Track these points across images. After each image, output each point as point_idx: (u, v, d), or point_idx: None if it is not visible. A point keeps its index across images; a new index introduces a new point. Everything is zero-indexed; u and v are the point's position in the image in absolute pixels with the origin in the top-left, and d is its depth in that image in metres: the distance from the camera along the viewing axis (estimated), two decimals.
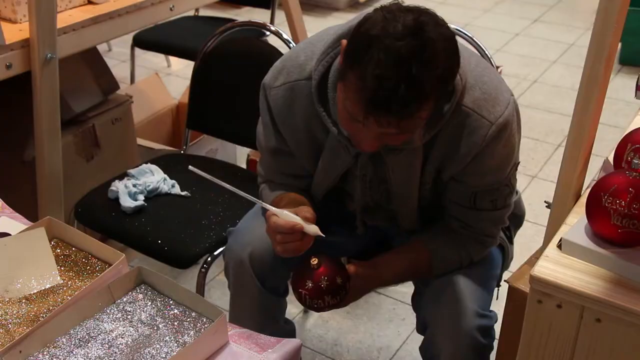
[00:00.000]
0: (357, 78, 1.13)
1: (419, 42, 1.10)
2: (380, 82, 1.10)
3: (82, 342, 1.16)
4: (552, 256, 1.04)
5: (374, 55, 1.10)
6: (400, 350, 2.12)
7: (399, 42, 1.09)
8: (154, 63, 4.03)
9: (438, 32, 1.12)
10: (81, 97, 2.08)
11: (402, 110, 1.12)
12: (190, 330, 1.19)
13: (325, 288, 1.29)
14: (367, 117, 1.15)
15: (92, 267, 1.32)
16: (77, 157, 2.09)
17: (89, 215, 1.88)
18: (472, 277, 1.42)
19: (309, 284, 1.30)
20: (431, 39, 1.11)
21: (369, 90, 1.11)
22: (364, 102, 1.13)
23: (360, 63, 1.12)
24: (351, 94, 1.15)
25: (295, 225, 1.28)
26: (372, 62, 1.10)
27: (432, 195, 1.42)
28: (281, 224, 1.28)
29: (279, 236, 1.30)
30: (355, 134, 1.25)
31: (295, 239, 1.30)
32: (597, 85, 1.08)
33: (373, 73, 1.10)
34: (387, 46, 1.10)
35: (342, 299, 1.33)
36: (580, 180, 1.19)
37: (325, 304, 1.31)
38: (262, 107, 1.44)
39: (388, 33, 1.10)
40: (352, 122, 1.21)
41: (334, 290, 1.30)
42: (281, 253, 1.33)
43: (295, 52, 1.40)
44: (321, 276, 1.29)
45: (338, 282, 1.30)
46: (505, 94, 1.31)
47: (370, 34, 1.12)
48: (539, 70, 3.99)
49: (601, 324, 0.97)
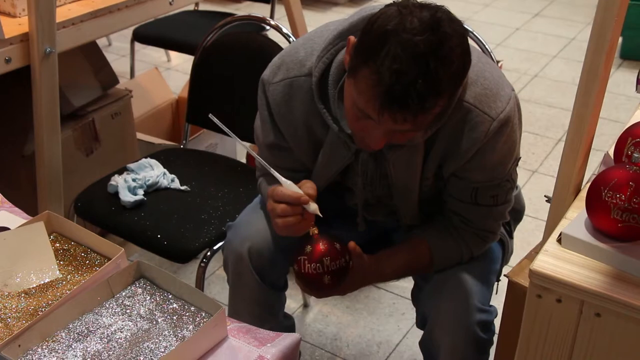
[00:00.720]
0: (372, 73, 1.11)
1: (437, 37, 1.09)
2: (398, 77, 1.09)
3: (81, 336, 1.16)
4: (552, 250, 1.03)
5: (391, 49, 1.09)
6: (400, 345, 2.12)
7: (417, 37, 1.09)
8: (153, 58, 4.03)
9: (453, 29, 1.12)
10: (81, 92, 2.07)
11: (419, 105, 1.11)
12: (189, 325, 1.18)
13: (324, 250, 1.26)
14: (382, 112, 1.14)
15: (91, 262, 1.32)
16: (76, 151, 2.09)
17: (88, 209, 1.88)
18: (472, 272, 1.42)
19: (308, 248, 1.27)
20: (448, 35, 1.11)
21: (385, 85, 1.10)
22: (380, 97, 1.12)
23: (376, 58, 1.10)
24: (365, 90, 1.14)
25: (301, 197, 1.27)
26: (389, 57, 1.09)
27: (433, 191, 1.42)
28: (287, 193, 1.28)
29: (282, 206, 1.29)
30: (363, 132, 1.24)
31: (296, 212, 1.29)
32: (597, 79, 1.07)
33: (390, 67, 1.09)
34: (405, 41, 1.09)
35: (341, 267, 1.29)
36: (580, 175, 1.19)
37: (323, 267, 1.26)
38: (261, 103, 1.44)
39: (405, 28, 1.10)
40: (361, 119, 1.20)
41: (333, 253, 1.27)
42: (281, 227, 1.31)
43: (295, 48, 1.40)
44: (320, 240, 1.27)
45: (337, 247, 1.28)
46: (507, 90, 1.31)
47: (387, 29, 1.11)
48: (539, 65, 3.98)
49: (601, 318, 0.97)
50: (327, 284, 1.29)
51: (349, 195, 1.53)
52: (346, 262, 1.30)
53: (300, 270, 1.30)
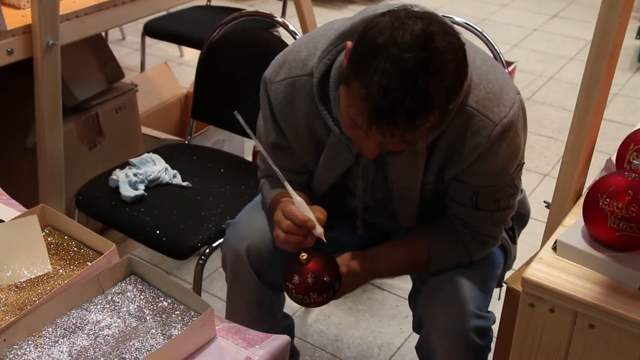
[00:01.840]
0: (361, 86, 1.10)
1: (427, 53, 1.07)
2: (386, 93, 1.07)
3: (68, 332, 1.15)
4: (546, 258, 1.00)
5: (380, 64, 1.07)
6: (401, 348, 2.09)
7: (406, 54, 1.06)
8: (167, 52, 4.03)
9: (447, 42, 1.09)
10: (85, 85, 2.07)
11: (406, 122, 1.10)
12: (177, 324, 1.17)
13: (312, 285, 1.27)
14: (370, 127, 1.13)
15: (84, 257, 1.31)
16: (79, 144, 2.08)
17: (89, 203, 1.87)
18: (471, 277, 1.40)
19: (296, 278, 1.28)
20: (440, 50, 1.08)
21: (373, 100, 1.09)
22: (368, 112, 1.11)
23: (366, 72, 1.09)
24: (355, 102, 1.13)
25: (308, 221, 1.27)
26: (378, 72, 1.07)
27: (434, 194, 1.39)
28: (297, 214, 1.27)
29: (288, 223, 1.28)
30: (357, 139, 1.23)
31: (300, 233, 1.28)
32: (599, 82, 1.04)
33: (379, 83, 1.07)
34: (394, 56, 1.07)
35: (328, 298, 1.31)
36: (581, 180, 1.16)
37: (310, 300, 1.29)
38: (263, 102, 1.42)
39: (395, 42, 1.07)
40: (354, 127, 1.19)
41: (320, 288, 1.28)
42: (282, 242, 1.30)
43: (298, 47, 1.38)
44: (308, 272, 1.27)
45: (325, 280, 1.28)
46: (511, 94, 1.28)
47: (377, 42, 1.08)
48: (555, 66, 3.93)
49: (594, 330, 0.94)
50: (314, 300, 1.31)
51: (349, 197, 1.51)
52: (333, 291, 1.32)
53: (289, 294, 1.32)
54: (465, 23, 1.79)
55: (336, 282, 1.31)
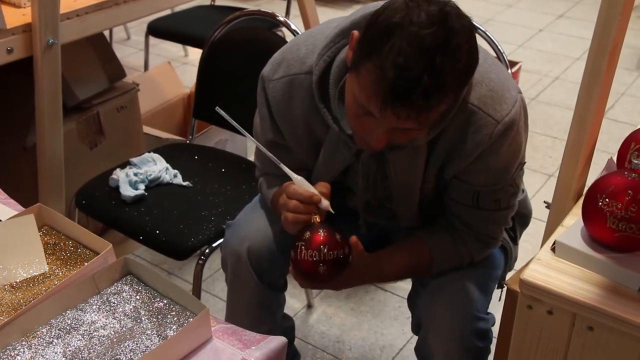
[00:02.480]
0: (375, 67, 1.07)
1: (444, 32, 1.05)
2: (402, 72, 1.05)
3: (63, 332, 1.14)
4: (545, 259, 0.98)
5: (396, 43, 1.05)
6: (403, 350, 2.08)
7: (424, 30, 1.04)
8: (171, 52, 4.02)
9: (461, 24, 1.07)
10: (86, 84, 2.06)
11: (423, 102, 1.07)
12: (173, 325, 1.16)
13: (323, 238, 1.21)
14: (385, 109, 1.09)
15: (81, 257, 1.30)
16: (80, 144, 2.07)
17: (89, 203, 1.86)
18: (471, 278, 1.38)
19: (307, 234, 1.23)
20: (456, 29, 1.06)
21: (389, 80, 1.06)
22: (383, 93, 1.08)
23: (380, 52, 1.06)
24: (367, 85, 1.10)
25: (313, 196, 1.25)
26: (394, 51, 1.05)
27: (434, 193, 1.38)
28: (300, 192, 1.25)
29: (294, 202, 1.26)
30: (363, 130, 1.20)
31: (309, 210, 1.25)
32: (599, 80, 1.02)
33: (395, 62, 1.05)
34: (411, 34, 1.04)
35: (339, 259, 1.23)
36: (582, 180, 1.14)
37: (320, 255, 1.21)
38: (260, 100, 1.41)
39: (412, 21, 1.05)
40: (362, 117, 1.16)
41: (331, 243, 1.22)
42: (291, 222, 1.27)
43: (296, 44, 1.37)
44: (320, 228, 1.23)
45: (337, 238, 1.22)
46: (513, 92, 1.26)
47: (392, 22, 1.06)
48: (561, 67, 3.90)
49: (593, 332, 0.92)
50: (323, 273, 1.24)
51: (349, 196, 1.49)
52: (344, 254, 1.25)
53: (297, 257, 1.25)
54: None
55: (346, 246, 1.25)
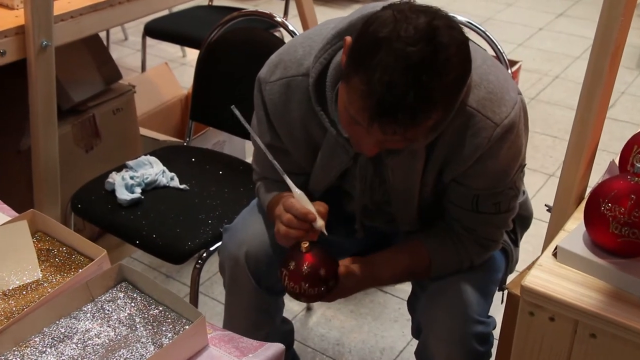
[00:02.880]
0: (362, 82, 1.06)
1: (431, 48, 1.03)
2: (388, 89, 1.04)
3: (56, 341, 1.12)
4: (547, 265, 0.96)
5: (383, 59, 1.04)
6: (403, 352, 2.06)
7: (410, 48, 1.03)
8: (169, 53, 4.00)
9: (451, 37, 1.05)
10: (81, 86, 2.04)
11: (409, 119, 1.06)
12: (168, 332, 1.14)
13: (306, 274, 1.24)
14: (372, 124, 1.09)
15: (75, 263, 1.28)
16: (75, 147, 2.05)
17: (85, 207, 1.84)
18: (471, 281, 1.36)
19: (292, 265, 1.25)
20: (444, 45, 1.04)
21: (375, 96, 1.05)
22: (369, 108, 1.07)
23: (367, 67, 1.05)
24: (355, 98, 1.09)
25: (308, 214, 1.24)
26: (380, 67, 1.04)
27: (433, 197, 1.36)
28: (297, 207, 1.25)
29: (289, 216, 1.25)
30: (356, 137, 1.19)
31: (301, 227, 1.25)
32: (601, 81, 1.00)
33: (381, 79, 1.04)
34: (397, 50, 1.03)
35: (320, 293, 1.27)
36: (583, 183, 1.12)
37: (301, 290, 1.25)
38: (257, 102, 1.40)
39: (399, 36, 1.03)
40: (353, 125, 1.15)
41: (314, 280, 1.24)
42: (283, 236, 1.27)
43: (293, 46, 1.35)
44: (306, 261, 1.24)
45: (321, 274, 1.24)
46: (512, 94, 1.25)
47: (379, 36, 1.05)
48: (561, 66, 3.88)
49: (596, 340, 0.90)
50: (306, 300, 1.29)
51: (347, 200, 1.48)
52: (327, 288, 1.28)
53: (282, 281, 1.29)
54: (468, 22, 1.76)
55: (332, 279, 1.27)
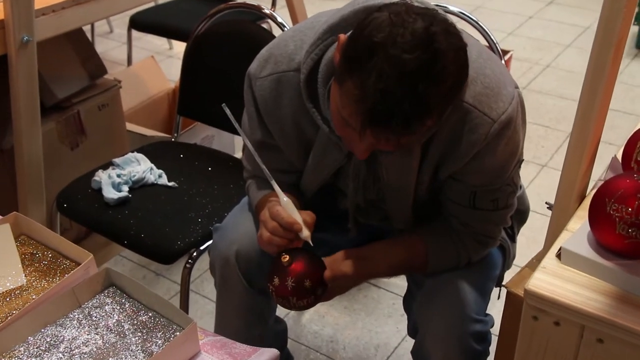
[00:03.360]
0: (356, 87, 1.02)
1: (428, 55, 0.99)
2: (382, 96, 1.00)
3: (42, 350, 1.08)
4: (550, 267, 0.93)
5: (377, 65, 1.00)
6: (398, 348, 2.03)
7: (406, 55, 0.99)
8: (156, 45, 3.94)
9: (449, 43, 1.02)
10: (65, 82, 1.99)
11: (403, 127, 1.03)
12: (158, 339, 1.10)
13: (291, 289, 1.20)
14: (364, 130, 1.06)
15: (60, 268, 1.24)
16: (60, 145, 2.00)
17: (71, 206, 1.80)
18: (468, 279, 1.33)
19: (276, 280, 1.21)
20: (441, 52, 1.00)
21: (368, 103, 1.02)
22: (362, 114, 1.04)
23: (362, 71, 1.01)
24: (348, 103, 1.05)
25: (294, 224, 1.21)
26: (375, 73, 1.00)
27: (429, 194, 1.33)
28: (283, 216, 1.21)
29: (274, 225, 1.22)
30: (348, 139, 1.16)
31: (286, 236, 1.22)
32: (604, 75, 0.97)
33: (375, 85, 1.00)
34: (393, 57, 0.99)
35: (310, 303, 1.24)
36: (585, 180, 1.08)
37: (290, 304, 1.22)
38: (247, 98, 1.36)
39: (395, 42, 0.99)
40: (345, 127, 1.12)
41: (300, 293, 1.21)
42: (265, 243, 1.25)
43: (284, 40, 1.31)
44: (289, 275, 1.20)
45: (306, 285, 1.21)
46: (509, 88, 1.21)
47: (374, 41, 1.01)
48: (552, 54, 3.86)
49: (604, 345, 0.87)
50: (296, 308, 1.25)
51: (340, 198, 1.44)
52: (315, 297, 1.25)
53: (270, 294, 1.26)
54: (461, 12, 1.73)
55: (319, 287, 1.24)
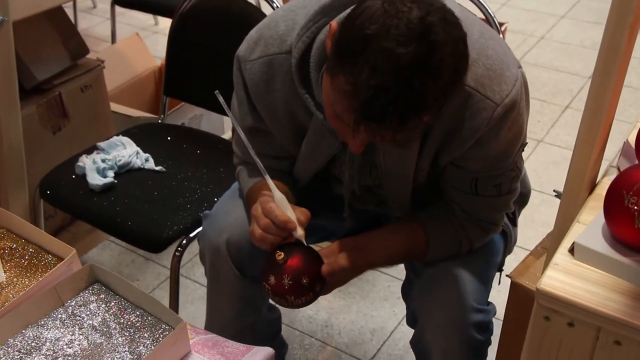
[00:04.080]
0: (348, 82, 0.96)
1: (424, 49, 0.93)
2: (376, 93, 0.94)
3: (23, 353, 1.02)
4: (563, 264, 0.87)
5: (370, 59, 0.93)
6: (395, 332, 1.99)
7: (401, 49, 0.92)
8: (140, 21, 3.84)
9: (447, 33, 0.95)
10: (45, 63, 1.90)
11: (398, 124, 0.97)
12: (147, 340, 1.05)
13: (289, 287, 1.14)
14: (357, 126, 1.00)
15: (42, 263, 1.18)
16: (42, 129, 1.93)
17: (54, 193, 1.73)
18: (469, 267, 1.28)
19: (272, 279, 1.15)
20: (439, 44, 0.94)
21: (361, 100, 0.96)
22: (355, 110, 0.98)
23: (354, 65, 0.95)
24: (340, 97, 0.99)
25: (288, 222, 1.15)
26: (367, 68, 0.93)
27: (429, 181, 1.27)
28: (277, 214, 1.15)
29: (267, 222, 1.16)
30: (341, 132, 1.11)
31: (279, 234, 1.16)
32: (618, 56, 0.90)
33: (368, 82, 0.94)
34: (386, 50, 0.93)
35: (309, 300, 1.18)
36: (597, 167, 1.03)
37: (288, 303, 1.17)
38: (237, 82, 1.29)
39: (388, 34, 0.93)
40: (338, 121, 1.06)
41: (298, 291, 1.16)
42: (258, 239, 1.19)
43: (274, 20, 1.23)
44: (285, 274, 1.14)
45: (303, 283, 1.15)
46: (512, 69, 1.15)
47: (367, 32, 0.94)
48: (546, 26, 3.79)
49: (621, 347, 0.82)
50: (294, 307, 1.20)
51: (335, 184, 1.38)
52: (314, 293, 1.19)
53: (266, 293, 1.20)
54: None
55: (317, 283, 1.18)
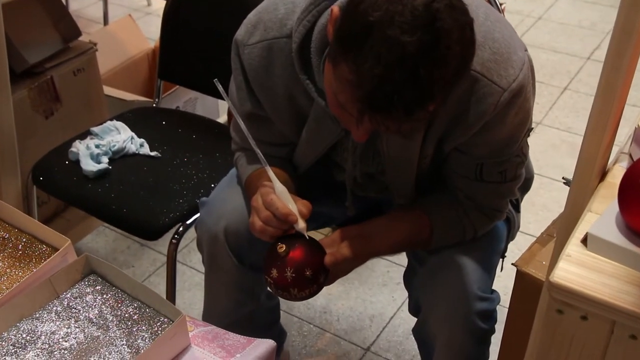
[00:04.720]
0: (351, 71, 0.93)
1: (430, 36, 0.90)
2: (380, 83, 0.91)
3: (17, 347, 1.00)
4: (576, 255, 0.84)
5: (374, 47, 0.90)
6: (394, 318, 1.97)
7: (406, 37, 0.89)
8: (132, 2, 3.78)
9: (453, 20, 0.92)
10: (37, 46, 1.86)
11: (404, 115, 0.94)
12: (145, 332, 1.02)
13: (292, 280, 1.12)
14: (361, 117, 0.97)
15: (36, 254, 1.15)
16: (34, 113, 1.89)
17: (47, 180, 1.70)
18: (472, 254, 1.26)
19: (274, 272, 1.13)
20: (445, 31, 0.91)
21: (365, 90, 0.93)
22: (359, 100, 0.95)
23: (357, 54, 0.92)
24: (343, 87, 0.97)
25: (290, 215, 1.12)
26: (371, 57, 0.90)
27: (432, 167, 1.24)
28: (278, 206, 1.12)
29: (267, 214, 1.13)
30: (344, 122, 1.08)
31: (280, 227, 1.14)
32: (632, 38, 0.87)
33: (372, 71, 0.91)
34: (391, 38, 0.90)
35: (313, 292, 1.16)
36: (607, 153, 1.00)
37: (291, 296, 1.14)
38: (235, 67, 1.26)
39: (393, 21, 0.89)
40: (341, 111, 1.03)
41: (301, 284, 1.13)
42: (258, 232, 1.16)
43: (274, 3, 1.20)
44: (287, 266, 1.12)
45: (307, 275, 1.12)
46: (519, 53, 1.12)
47: (370, 20, 0.91)
48: (544, 5, 3.75)
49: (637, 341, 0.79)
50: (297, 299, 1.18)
51: (337, 171, 1.36)
52: (318, 285, 1.16)
53: (268, 286, 1.18)
54: None
55: (321, 275, 1.15)
